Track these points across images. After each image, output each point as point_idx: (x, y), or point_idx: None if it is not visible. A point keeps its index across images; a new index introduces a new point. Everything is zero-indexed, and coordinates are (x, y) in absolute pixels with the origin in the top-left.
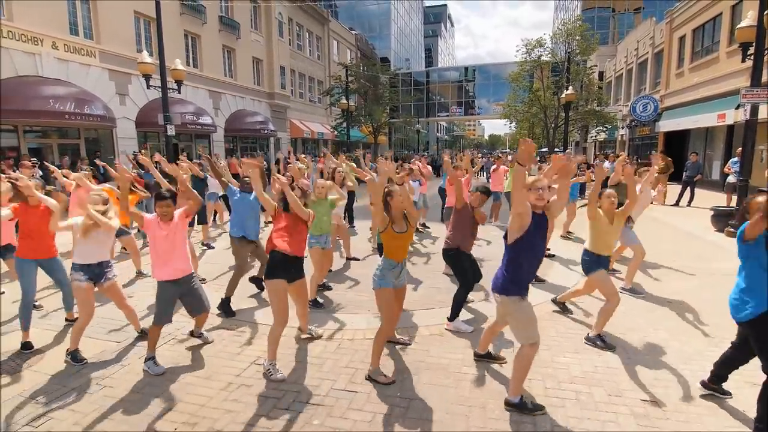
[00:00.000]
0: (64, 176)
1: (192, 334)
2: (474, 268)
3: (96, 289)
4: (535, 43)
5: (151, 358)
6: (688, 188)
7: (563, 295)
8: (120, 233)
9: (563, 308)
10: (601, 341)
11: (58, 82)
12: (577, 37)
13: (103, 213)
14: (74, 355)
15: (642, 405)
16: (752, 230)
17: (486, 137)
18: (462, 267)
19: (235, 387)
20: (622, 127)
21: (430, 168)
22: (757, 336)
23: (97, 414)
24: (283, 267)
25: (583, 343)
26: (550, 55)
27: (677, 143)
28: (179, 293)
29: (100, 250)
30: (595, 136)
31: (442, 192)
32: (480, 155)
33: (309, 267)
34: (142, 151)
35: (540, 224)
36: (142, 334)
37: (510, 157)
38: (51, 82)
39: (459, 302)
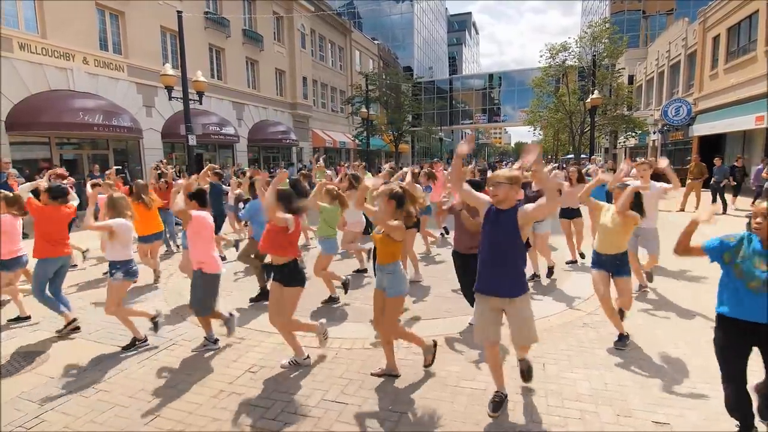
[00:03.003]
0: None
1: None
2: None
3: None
4: (559, 47)
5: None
6: (718, 195)
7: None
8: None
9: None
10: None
11: (88, 95)
12: (604, 40)
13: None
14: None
15: (654, 426)
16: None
17: (512, 145)
18: (462, 269)
19: (226, 395)
20: (654, 132)
21: (444, 173)
22: None
23: (87, 418)
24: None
25: (594, 358)
26: (575, 59)
27: (713, 148)
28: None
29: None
30: (624, 142)
31: None
32: (504, 163)
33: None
34: (163, 161)
35: (494, 220)
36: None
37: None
38: (81, 95)
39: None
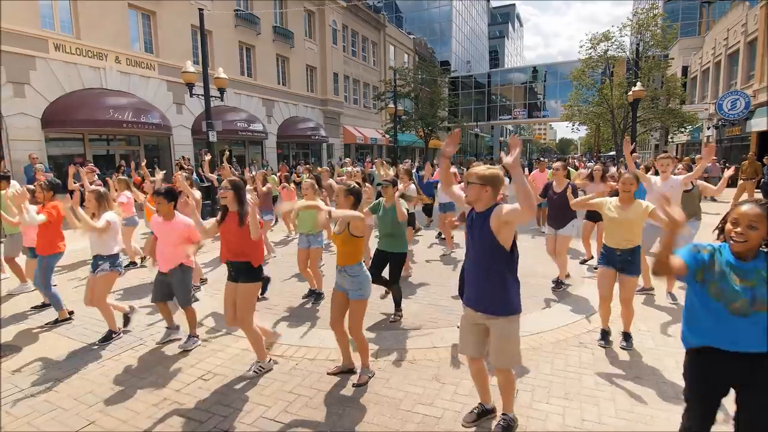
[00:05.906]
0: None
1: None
2: None
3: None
4: (600, 37)
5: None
6: None
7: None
8: None
9: None
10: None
11: (120, 93)
12: (652, 28)
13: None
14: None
15: None
16: None
17: (557, 141)
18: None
19: (168, 404)
20: (709, 128)
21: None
22: None
23: (24, 420)
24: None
25: (578, 387)
26: (619, 50)
27: None
28: None
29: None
30: (671, 138)
31: None
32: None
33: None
34: (183, 156)
35: (470, 224)
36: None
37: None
38: (113, 93)
39: None
